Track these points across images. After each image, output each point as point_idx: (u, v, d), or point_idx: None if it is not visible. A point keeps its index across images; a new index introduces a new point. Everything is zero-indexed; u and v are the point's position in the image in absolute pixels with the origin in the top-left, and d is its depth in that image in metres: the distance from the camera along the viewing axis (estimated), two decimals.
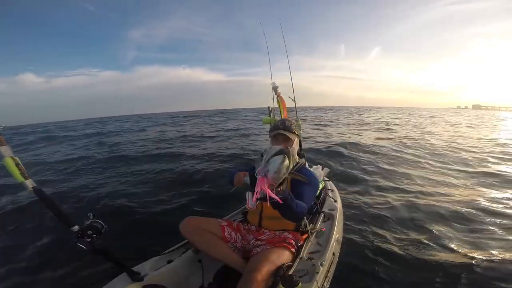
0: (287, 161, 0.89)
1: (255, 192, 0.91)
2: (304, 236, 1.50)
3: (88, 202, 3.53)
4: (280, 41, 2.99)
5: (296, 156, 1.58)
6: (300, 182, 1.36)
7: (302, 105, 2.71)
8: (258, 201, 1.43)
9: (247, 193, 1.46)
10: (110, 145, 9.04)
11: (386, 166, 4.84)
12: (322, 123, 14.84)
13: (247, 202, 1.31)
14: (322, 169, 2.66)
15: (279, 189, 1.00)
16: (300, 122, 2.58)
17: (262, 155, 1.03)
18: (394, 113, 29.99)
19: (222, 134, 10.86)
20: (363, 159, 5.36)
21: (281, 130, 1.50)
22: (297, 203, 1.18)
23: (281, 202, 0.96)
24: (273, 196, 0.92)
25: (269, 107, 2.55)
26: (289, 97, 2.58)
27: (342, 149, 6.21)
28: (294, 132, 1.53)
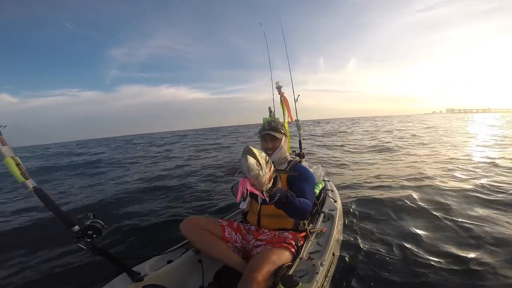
0: (251, 159, 0.91)
1: (239, 192, 0.94)
2: (303, 234, 1.50)
3: (88, 203, 3.53)
4: (268, 54, 2.99)
5: (287, 154, 1.64)
6: (296, 178, 1.42)
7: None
8: (248, 199, 1.49)
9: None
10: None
11: None
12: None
13: (241, 204, 1.42)
14: (322, 169, 2.67)
15: (274, 188, 1.03)
16: (300, 122, 2.59)
17: None
18: (400, 122, 29.59)
19: None
20: None
21: (267, 131, 1.54)
22: (299, 200, 1.21)
23: (263, 197, 0.99)
24: (257, 193, 0.96)
25: (269, 108, 2.56)
26: (297, 97, 2.63)
27: None
28: (281, 131, 1.57)
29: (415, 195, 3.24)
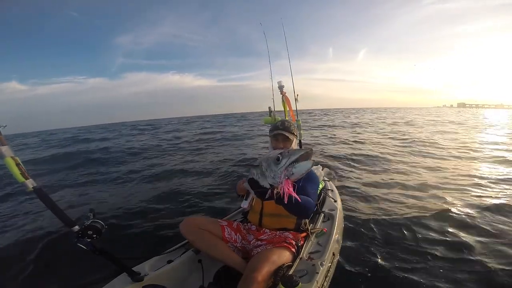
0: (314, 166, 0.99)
1: (286, 195, 0.97)
2: (303, 235, 1.50)
3: (88, 202, 3.53)
4: (273, 45, 3.00)
5: None
6: (300, 178, 1.40)
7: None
8: (250, 199, 1.50)
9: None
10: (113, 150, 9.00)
11: None
12: None
13: (243, 203, 1.45)
14: (322, 169, 2.67)
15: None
16: (300, 122, 2.59)
17: (261, 164, 1.09)
18: (419, 114, 29.30)
19: None
20: None
21: (280, 130, 1.54)
22: (301, 196, 1.20)
23: (299, 200, 1.01)
24: (294, 195, 0.98)
25: (269, 107, 2.56)
26: (296, 96, 2.63)
27: None
28: (293, 133, 1.57)
29: (429, 197, 3.20)
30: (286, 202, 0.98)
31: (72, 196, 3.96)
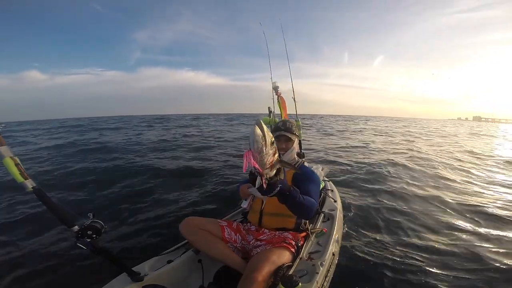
0: (258, 130, 0.89)
1: (244, 163, 0.91)
2: (303, 235, 1.50)
3: (88, 202, 3.53)
4: (283, 46, 3.02)
5: (296, 156, 1.64)
6: (302, 178, 1.42)
7: (301, 112, 2.73)
8: (250, 198, 1.48)
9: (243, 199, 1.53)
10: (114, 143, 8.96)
11: None
12: None
13: (242, 203, 1.47)
14: (322, 169, 2.67)
15: (277, 178, 1.00)
16: (300, 122, 2.60)
17: None
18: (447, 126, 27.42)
19: None
20: None
21: (282, 131, 1.54)
22: (304, 196, 1.20)
23: (263, 178, 0.96)
24: (257, 167, 0.92)
25: (269, 108, 2.56)
26: (293, 97, 2.65)
27: None
28: (295, 133, 1.57)
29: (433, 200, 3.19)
30: (244, 171, 0.92)
31: (70, 192, 3.94)
